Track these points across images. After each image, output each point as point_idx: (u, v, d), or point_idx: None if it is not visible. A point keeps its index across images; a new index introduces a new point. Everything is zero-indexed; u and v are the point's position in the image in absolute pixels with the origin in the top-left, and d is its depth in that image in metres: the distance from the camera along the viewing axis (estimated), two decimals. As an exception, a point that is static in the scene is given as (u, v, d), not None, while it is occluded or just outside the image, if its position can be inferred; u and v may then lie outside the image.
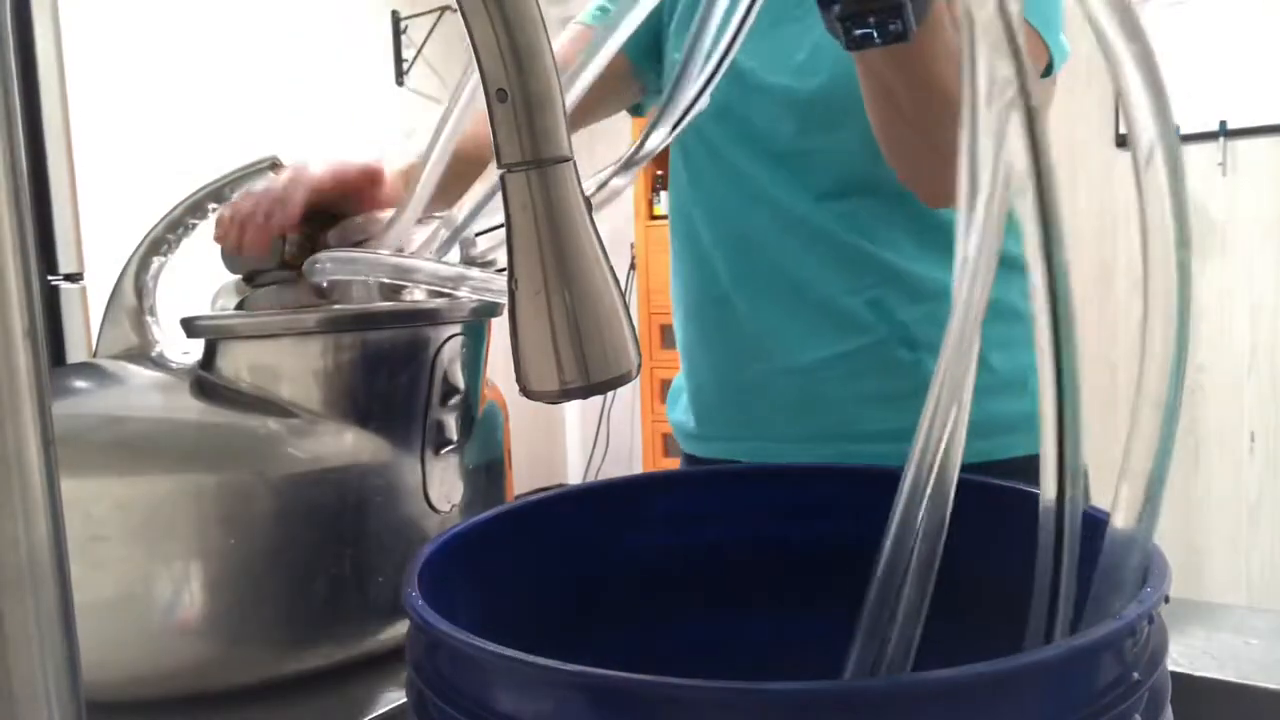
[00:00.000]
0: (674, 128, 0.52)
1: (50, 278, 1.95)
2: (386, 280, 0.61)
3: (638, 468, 3.79)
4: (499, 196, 0.33)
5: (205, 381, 0.56)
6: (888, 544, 0.39)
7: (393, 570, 0.55)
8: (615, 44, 0.51)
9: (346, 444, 0.54)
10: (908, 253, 0.80)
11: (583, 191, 0.33)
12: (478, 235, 0.61)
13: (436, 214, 0.62)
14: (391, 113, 3.55)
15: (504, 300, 0.34)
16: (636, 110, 0.98)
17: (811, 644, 0.48)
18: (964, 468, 0.38)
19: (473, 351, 0.61)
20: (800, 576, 0.48)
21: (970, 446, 0.38)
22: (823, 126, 0.80)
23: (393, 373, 0.57)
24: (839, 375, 0.82)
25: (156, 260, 0.64)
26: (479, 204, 0.57)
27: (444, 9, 3.54)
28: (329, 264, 0.60)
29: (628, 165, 0.52)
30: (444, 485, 0.59)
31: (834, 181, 0.81)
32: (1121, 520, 0.33)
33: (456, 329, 0.59)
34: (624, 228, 3.63)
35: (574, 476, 4.17)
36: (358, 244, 0.64)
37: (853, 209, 0.81)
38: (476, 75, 0.31)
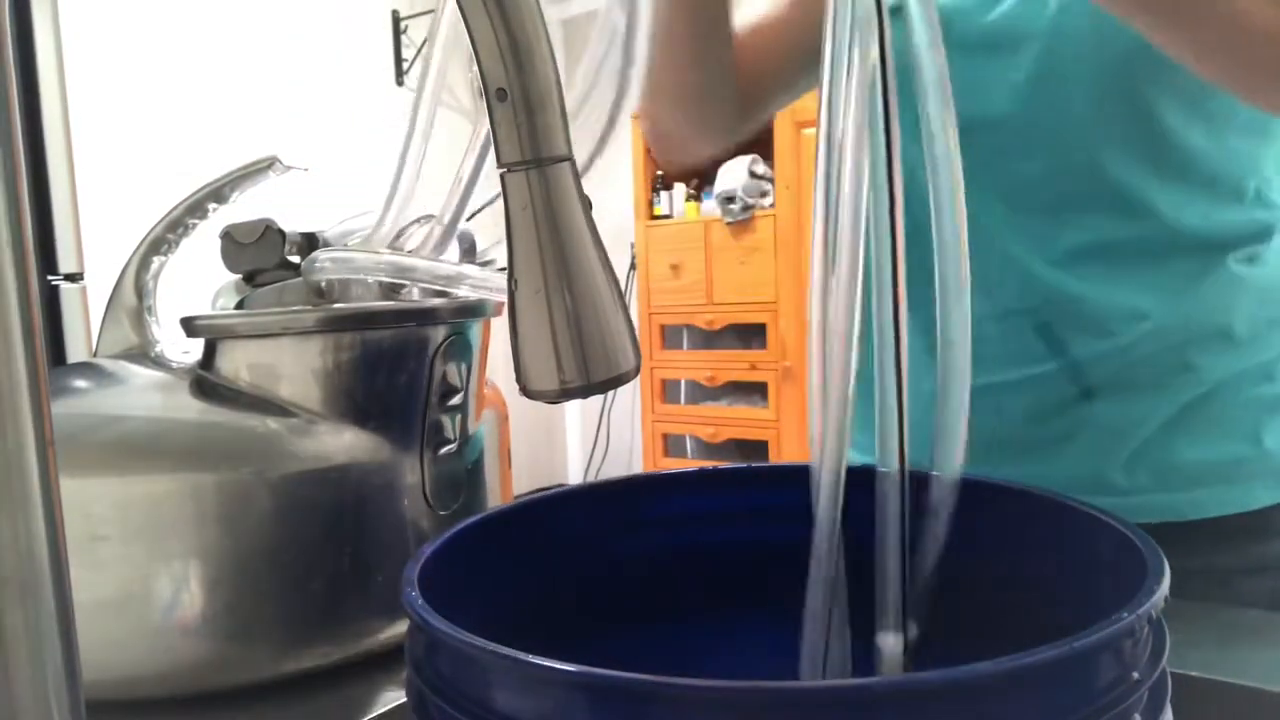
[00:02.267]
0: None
1: (50, 278, 1.96)
2: (385, 279, 0.61)
3: (638, 468, 3.80)
4: (485, 191, 0.33)
5: (205, 381, 0.56)
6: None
7: (393, 570, 0.55)
8: None
9: (345, 443, 0.54)
10: (1091, 274, 0.68)
11: (582, 191, 0.33)
12: (469, 218, 0.60)
13: (427, 214, 0.62)
14: (391, 113, 3.55)
15: (503, 299, 0.34)
16: None
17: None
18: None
19: (471, 351, 0.61)
20: (800, 576, 0.48)
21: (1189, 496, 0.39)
22: (1037, 100, 0.67)
23: (392, 372, 0.57)
24: (988, 405, 0.73)
25: (156, 260, 0.64)
26: (463, 197, 0.57)
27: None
28: (327, 263, 0.60)
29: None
30: (443, 485, 0.59)
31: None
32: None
33: (455, 328, 0.59)
34: (624, 228, 3.64)
35: (574, 476, 4.17)
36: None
37: (1043, 202, 0.69)
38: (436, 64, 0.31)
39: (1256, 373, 0.69)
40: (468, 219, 0.60)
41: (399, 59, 3.62)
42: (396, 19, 3.61)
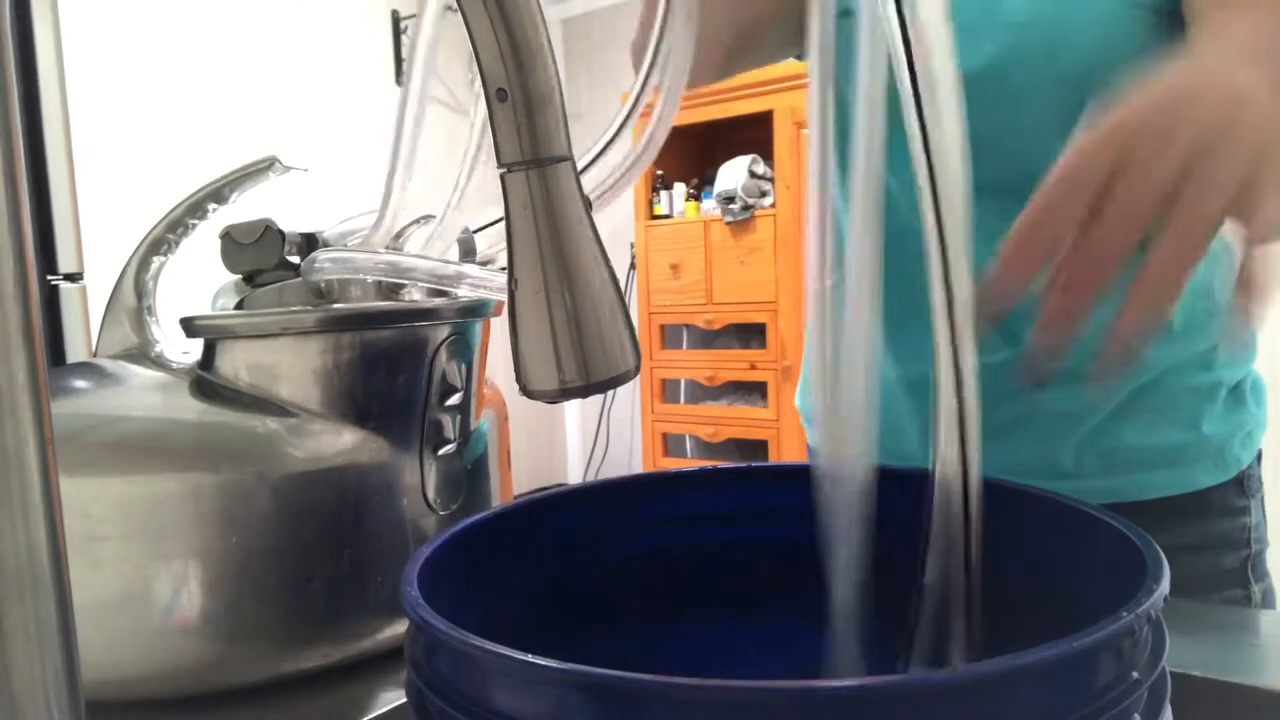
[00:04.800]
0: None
1: (50, 278, 1.95)
2: (385, 279, 0.61)
3: (638, 468, 3.80)
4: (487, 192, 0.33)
5: (204, 381, 0.56)
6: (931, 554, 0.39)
7: (392, 570, 0.55)
8: None
9: (345, 443, 0.54)
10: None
11: (583, 191, 0.33)
12: (476, 231, 0.60)
13: (427, 214, 0.62)
14: (391, 113, 3.54)
15: (503, 298, 0.34)
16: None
17: (812, 643, 0.48)
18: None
19: (471, 351, 0.61)
20: (800, 576, 0.48)
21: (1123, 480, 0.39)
22: (987, 109, 0.71)
23: (391, 372, 0.57)
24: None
25: (156, 260, 0.64)
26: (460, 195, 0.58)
27: (444, 9, 3.54)
28: (327, 263, 0.60)
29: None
30: (443, 485, 0.59)
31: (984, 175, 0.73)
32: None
33: (455, 328, 0.59)
34: (624, 228, 3.64)
35: (574, 476, 4.17)
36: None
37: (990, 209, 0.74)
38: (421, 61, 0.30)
39: (1195, 362, 0.72)
40: (477, 230, 0.60)
41: (399, 59, 3.62)
42: (396, 19, 3.61)
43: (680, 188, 3.54)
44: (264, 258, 0.63)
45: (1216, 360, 0.74)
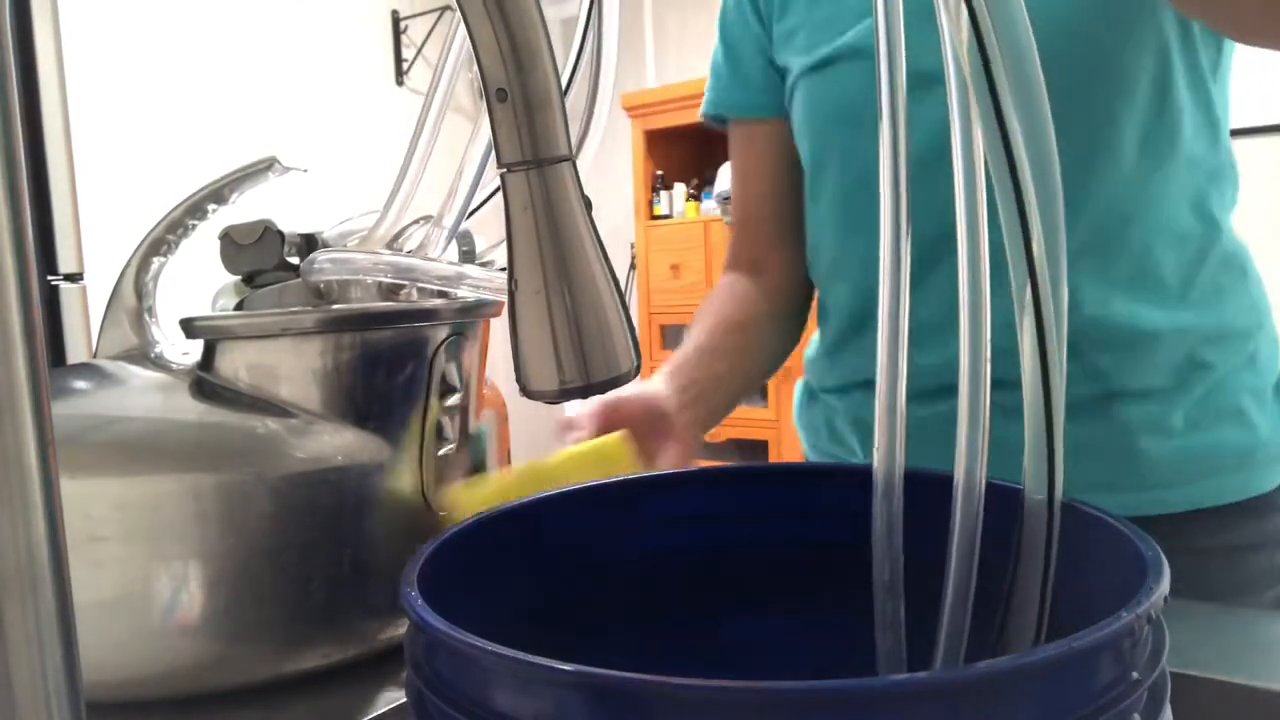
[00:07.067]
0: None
1: (50, 278, 1.96)
2: (385, 280, 0.61)
3: (638, 468, 3.78)
4: (485, 191, 0.33)
5: (204, 382, 0.56)
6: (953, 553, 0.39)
7: (392, 570, 0.55)
8: None
9: (345, 444, 0.54)
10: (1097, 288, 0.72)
11: (583, 191, 0.33)
12: (470, 214, 0.61)
13: (426, 214, 0.62)
14: (391, 113, 3.55)
15: (503, 299, 0.34)
16: None
17: (812, 643, 0.48)
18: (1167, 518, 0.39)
19: (471, 351, 0.61)
20: (800, 576, 0.48)
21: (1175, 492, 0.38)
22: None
23: (391, 373, 0.57)
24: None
25: (156, 261, 0.64)
26: (467, 201, 0.58)
27: (444, 9, 3.55)
28: (327, 264, 0.60)
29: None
30: (443, 485, 0.59)
31: None
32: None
33: (455, 328, 0.59)
34: (624, 228, 3.64)
35: (574, 476, 4.16)
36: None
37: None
38: (449, 69, 0.31)
39: (1245, 363, 0.76)
40: (469, 215, 0.60)
41: (399, 59, 3.62)
42: (396, 19, 3.61)
43: (680, 188, 3.54)
44: (263, 258, 0.63)
45: (1259, 361, 0.76)
